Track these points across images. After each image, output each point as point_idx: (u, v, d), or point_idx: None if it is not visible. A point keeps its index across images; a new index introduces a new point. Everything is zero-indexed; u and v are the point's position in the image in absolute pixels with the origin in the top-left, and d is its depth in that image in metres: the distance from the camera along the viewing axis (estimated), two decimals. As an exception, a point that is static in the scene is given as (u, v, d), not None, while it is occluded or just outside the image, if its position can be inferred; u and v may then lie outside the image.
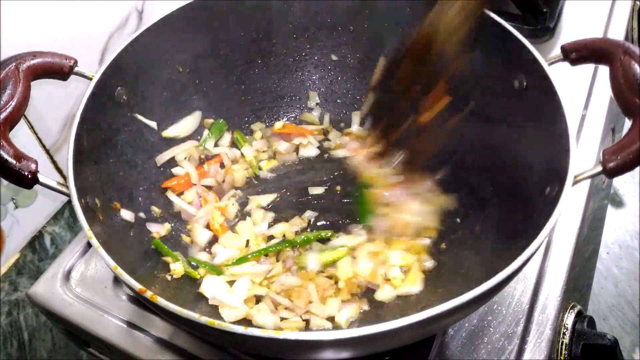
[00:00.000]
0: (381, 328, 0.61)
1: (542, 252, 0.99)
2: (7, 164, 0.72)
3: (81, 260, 1.06)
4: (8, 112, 0.76)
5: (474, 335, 0.91)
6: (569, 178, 0.73)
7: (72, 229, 1.25)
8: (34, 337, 1.23)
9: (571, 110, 0.80)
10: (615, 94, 0.77)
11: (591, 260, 1.58)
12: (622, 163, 0.71)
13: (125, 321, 0.96)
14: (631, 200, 2.31)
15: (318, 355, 0.70)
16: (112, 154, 0.95)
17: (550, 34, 1.31)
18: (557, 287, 0.95)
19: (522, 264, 0.67)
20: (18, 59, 0.81)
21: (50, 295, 1.00)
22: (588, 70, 1.25)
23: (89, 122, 0.86)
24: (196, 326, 0.65)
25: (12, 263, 1.15)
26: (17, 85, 0.78)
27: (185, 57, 1.07)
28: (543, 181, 0.80)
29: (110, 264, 0.70)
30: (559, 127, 0.79)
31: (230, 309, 0.89)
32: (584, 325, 0.93)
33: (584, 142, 1.14)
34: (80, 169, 0.80)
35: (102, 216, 0.85)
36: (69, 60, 0.86)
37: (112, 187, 0.93)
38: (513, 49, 0.90)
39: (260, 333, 0.62)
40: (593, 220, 1.28)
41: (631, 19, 1.42)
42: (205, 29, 1.07)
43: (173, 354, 0.92)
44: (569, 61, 0.84)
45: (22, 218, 1.13)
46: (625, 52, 0.77)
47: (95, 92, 0.88)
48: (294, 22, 1.14)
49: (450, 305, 0.62)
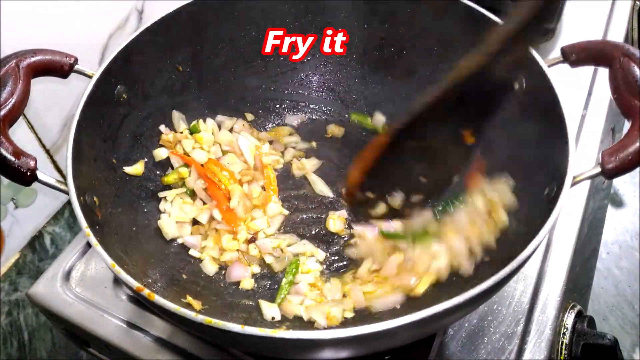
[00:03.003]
0: (381, 327, 0.61)
1: (542, 252, 0.99)
2: (6, 161, 0.72)
3: (81, 260, 1.06)
4: (8, 109, 0.76)
5: (474, 335, 0.91)
6: (568, 179, 0.73)
7: (72, 229, 1.25)
8: (34, 337, 1.23)
9: (571, 111, 0.80)
10: (615, 96, 0.78)
11: (591, 260, 1.58)
12: (621, 164, 0.71)
13: (125, 321, 0.96)
14: (631, 200, 2.31)
15: (317, 355, 0.70)
16: (111, 152, 0.95)
17: (550, 34, 1.31)
18: (557, 287, 0.95)
19: (521, 263, 0.67)
20: (18, 56, 0.81)
21: (50, 295, 1.00)
22: (588, 70, 1.25)
23: (89, 120, 0.86)
24: (193, 325, 0.65)
25: (12, 263, 1.15)
26: (17, 82, 0.78)
27: (186, 57, 1.07)
28: (542, 182, 0.80)
29: (108, 262, 0.70)
30: (559, 129, 0.79)
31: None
32: (584, 325, 0.93)
33: (583, 142, 1.14)
34: (79, 167, 0.80)
35: (101, 214, 0.85)
36: (69, 58, 0.86)
37: (111, 186, 0.93)
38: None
39: (257, 332, 0.62)
40: (593, 220, 1.28)
41: (631, 19, 1.42)
42: (205, 28, 1.07)
43: (172, 354, 0.92)
44: (568, 63, 0.84)
45: (22, 218, 1.13)
46: (625, 54, 0.77)
47: (96, 90, 0.88)
48: (294, 22, 1.15)
49: (450, 305, 0.62)
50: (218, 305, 0.92)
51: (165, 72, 1.05)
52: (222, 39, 1.11)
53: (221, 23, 1.09)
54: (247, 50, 1.15)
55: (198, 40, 1.08)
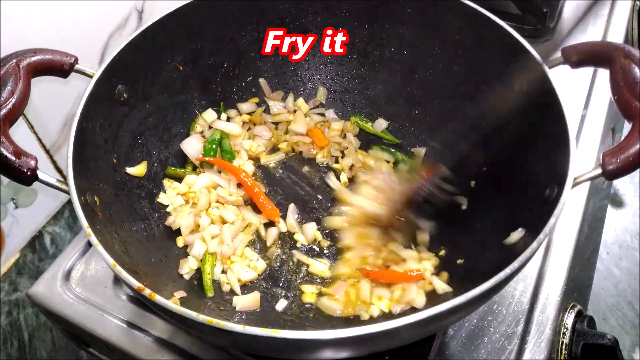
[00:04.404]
0: (381, 327, 0.61)
1: (542, 252, 0.99)
2: (7, 161, 0.72)
3: (81, 260, 1.06)
4: (8, 109, 0.76)
5: (474, 335, 0.91)
6: (568, 180, 0.73)
7: (72, 229, 1.25)
8: (34, 337, 1.23)
9: (571, 111, 0.80)
10: (616, 97, 0.77)
11: (591, 260, 1.58)
12: (622, 166, 0.71)
13: (125, 321, 0.96)
14: (631, 200, 2.31)
15: (317, 355, 0.70)
16: (112, 152, 0.95)
17: (550, 34, 1.31)
18: (557, 287, 0.95)
19: (521, 264, 0.67)
20: (19, 55, 0.81)
21: (50, 295, 1.00)
22: (588, 70, 1.25)
23: (89, 120, 0.86)
24: (194, 325, 0.65)
25: (12, 263, 1.15)
26: (18, 82, 0.78)
27: (186, 57, 1.07)
28: (542, 183, 0.80)
29: (109, 262, 0.70)
30: (559, 130, 0.79)
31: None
32: (584, 325, 0.93)
33: (584, 141, 1.14)
34: (79, 167, 0.80)
35: (101, 214, 0.85)
36: (70, 57, 0.86)
37: (112, 186, 0.93)
38: (513, 51, 0.90)
39: (257, 332, 0.62)
40: (593, 220, 1.28)
41: (631, 19, 1.42)
42: (205, 28, 1.07)
43: (173, 354, 0.92)
44: (569, 64, 0.84)
45: (22, 218, 1.13)
46: (626, 55, 0.77)
47: (96, 90, 0.88)
48: (294, 22, 1.15)
49: (450, 305, 0.62)
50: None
51: (165, 72, 1.05)
52: (222, 39, 1.11)
53: (221, 23, 1.09)
54: (247, 50, 1.15)
55: (198, 40, 1.08)
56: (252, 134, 1.18)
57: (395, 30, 1.11)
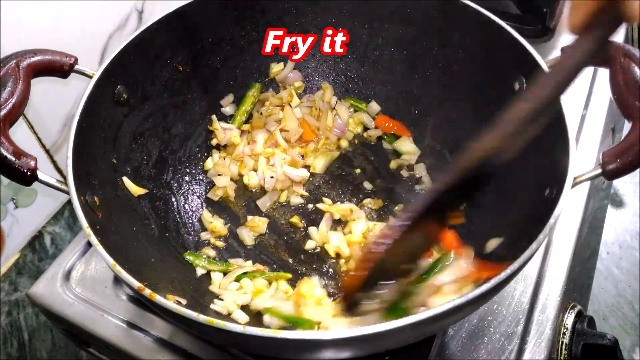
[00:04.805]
0: (381, 328, 0.61)
1: (542, 252, 0.99)
2: (7, 161, 0.73)
3: (81, 260, 1.06)
4: (8, 109, 0.76)
5: (474, 335, 0.91)
6: (568, 180, 0.73)
7: (72, 229, 1.25)
8: (34, 337, 1.23)
9: (571, 111, 0.80)
10: (615, 97, 0.77)
11: (591, 260, 1.58)
12: (622, 165, 0.71)
13: (125, 321, 0.96)
14: (631, 200, 2.31)
15: (317, 355, 0.70)
16: (112, 152, 0.95)
17: (550, 34, 1.31)
18: (557, 287, 0.95)
19: (521, 264, 0.67)
20: (18, 56, 0.81)
21: (50, 295, 1.00)
22: (588, 69, 1.25)
23: (89, 120, 0.86)
24: (194, 325, 0.65)
25: (12, 263, 1.15)
26: (18, 82, 0.78)
27: (186, 57, 1.07)
28: (542, 183, 0.80)
29: (109, 262, 0.70)
30: (559, 129, 0.79)
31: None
32: (584, 325, 0.93)
33: (584, 141, 1.14)
34: (79, 167, 0.80)
35: (101, 214, 0.85)
36: (69, 58, 0.86)
37: (112, 186, 0.93)
38: (513, 51, 0.90)
39: (258, 332, 0.62)
40: (593, 220, 1.28)
41: (631, 19, 1.41)
42: (205, 28, 1.07)
43: (173, 354, 0.92)
44: (570, 64, 0.84)
45: (22, 218, 1.13)
46: (626, 54, 0.77)
47: (96, 90, 0.88)
48: (294, 22, 1.15)
49: (450, 305, 0.62)
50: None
51: (165, 72, 1.05)
52: (222, 39, 1.11)
53: (221, 23, 1.09)
54: (247, 50, 1.15)
55: (198, 40, 1.08)
56: (250, 138, 1.17)
57: (395, 30, 1.11)
